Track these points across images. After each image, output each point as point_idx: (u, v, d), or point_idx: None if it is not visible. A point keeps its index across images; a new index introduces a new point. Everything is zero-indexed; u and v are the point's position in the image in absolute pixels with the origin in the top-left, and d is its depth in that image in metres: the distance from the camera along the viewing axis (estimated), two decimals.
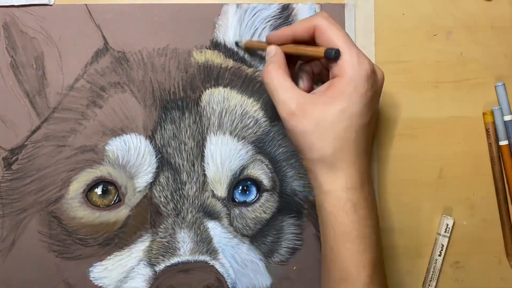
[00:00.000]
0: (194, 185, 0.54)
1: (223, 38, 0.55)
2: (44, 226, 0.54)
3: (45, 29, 0.54)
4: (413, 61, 0.58)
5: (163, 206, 0.54)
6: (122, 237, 0.54)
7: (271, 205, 0.56)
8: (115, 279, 0.54)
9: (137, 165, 0.53)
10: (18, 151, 0.54)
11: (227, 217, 0.55)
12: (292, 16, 0.56)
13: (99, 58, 0.54)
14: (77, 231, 0.54)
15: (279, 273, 0.56)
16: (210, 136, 0.54)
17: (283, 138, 0.56)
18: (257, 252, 0.56)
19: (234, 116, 0.55)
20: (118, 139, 0.54)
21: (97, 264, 0.54)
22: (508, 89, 0.58)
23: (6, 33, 0.53)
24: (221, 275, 0.53)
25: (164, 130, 0.54)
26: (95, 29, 0.54)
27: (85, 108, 0.54)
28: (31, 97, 0.54)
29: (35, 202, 0.54)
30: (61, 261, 0.54)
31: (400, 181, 0.58)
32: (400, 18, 0.58)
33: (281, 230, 0.56)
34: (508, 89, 0.58)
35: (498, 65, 0.59)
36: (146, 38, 0.55)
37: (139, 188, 0.54)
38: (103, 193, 0.53)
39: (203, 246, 0.53)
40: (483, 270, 0.60)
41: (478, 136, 0.59)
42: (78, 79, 0.54)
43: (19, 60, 0.54)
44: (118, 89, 0.54)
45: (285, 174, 0.56)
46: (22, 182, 0.54)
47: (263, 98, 0.56)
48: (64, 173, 0.53)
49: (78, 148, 0.54)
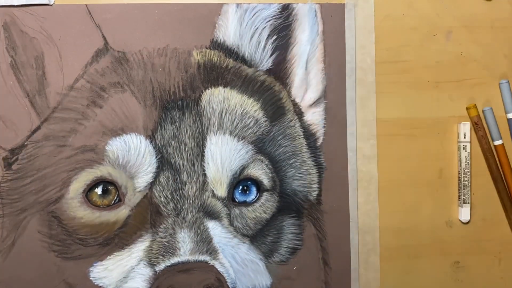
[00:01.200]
0: (194, 185, 0.54)
1: (223, 38, 0.55)
2: (44, 226, 0.54)
3: (45, 29, 0.54)
4: (413, 61, 0.58)
5: (163, 206, 0.54)
6: (122, 237, 0.54)
7: (271, 205, 0.56)
8: (115, 279, 0.54)
9: (137, 165, 0.53)
10: (18, 151, 0.54)
11: (227, 217, 0.55)
12: (292, 16, 0.56)
13: (99, 58, 0.54)
14: (77, 231, 0.54)
15: (279, 273, 0.56)
16: (210, 136, 0.54)
17: (283, 138, 0.56)
18: (257, 252, 0.56)
19: (234, 116, 0.55)
20: (118, 139, 0.54)
21: (97, 264, 0.54)
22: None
23: (6, 33, 0.53)
24: (221, 275, 0.53)
25: (164, 130, 0.54)
26: (95, 29, 0.54)
27: (85, 108, 0.54)
28: (31, 97, 0.54)
29: (35, 202, 0.53)
30: (61, 261, 0.54)
31: (400, 181, 0.58)
32: (400, 18, 0.58)
33: (281, 230, 0.56)
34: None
35: (498, 65, 0.59)
36: (146, 38, 0.55)
37: (139, 188, 0.54)
38: (103, 193, 0.53)
39: (203, 246, 0.53)
40: (483, 270, 0.60)
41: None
42: (78, 79, 0.54)
43: (19, 60, 0.54)
44: (118, 89, 0.54)
45: (285, 174, 0.56)
46: (22, 182, 0.54)
47: (263, 98, 0.56)
48: (64, 173, 0.53)
49: (78, 148, 0.54)
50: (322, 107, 0.57)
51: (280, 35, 0.56)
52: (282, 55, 0.56)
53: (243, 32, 0.56)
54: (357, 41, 0.57)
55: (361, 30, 0.57)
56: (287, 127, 0.57)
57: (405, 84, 0.58)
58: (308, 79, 0.57)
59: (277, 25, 0.56)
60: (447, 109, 0.58)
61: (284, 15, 0.56)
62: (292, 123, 0.57)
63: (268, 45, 0.56)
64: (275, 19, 0.56)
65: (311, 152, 0.57)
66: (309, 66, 0.57)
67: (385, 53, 0.57)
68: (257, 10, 0.56)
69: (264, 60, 0.56)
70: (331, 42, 0.57)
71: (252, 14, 0.56)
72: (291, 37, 0.56)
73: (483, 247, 0.59)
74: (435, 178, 0.59)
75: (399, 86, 0.58)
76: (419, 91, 0.58)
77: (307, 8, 0.56)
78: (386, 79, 0.57)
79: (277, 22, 0.56)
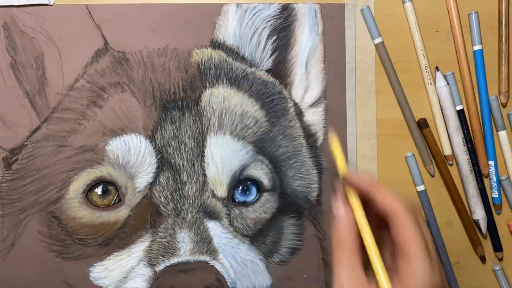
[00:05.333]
0: (194, 185, 0.54)
1: (223, 38, 0.55)
2: (44, 226, 0.54)
3: (45, 29, 0.54)
4: (413, 61, 0.58)
5: (163, 206, 0.54)
6: (122, 237, 0.54)
7: (271, 205, 0.56)
8: (115, 279, 0.54)
9: (137, 165, 0.53)
10: (18, 151, 0.54)
11: (227, 217, 0.55)
12: (292, 16, 0.56)
13: (99, 58, 0.54)
14: (77, 231, 0.54)
15: (279, 273, 0.56)
16: (210, 136, 0.54)
17: (283, 138, 0.56)
18: (257, 252, 0.56)
19: (234, 116, 0.55)
20: (118, 139, 0.54)
21: (97, 264, 0.54)
22: None
23: (6, 33, 0.53)
24: (221, 275, 0.53)
25: (164, 130, 0.54)
26: (95, 29, 0.54)
27: (85, 108, 0.54)
28: (31, 97, 0.54)
29: (35, 202, 0.54)
30: (61, 261, 0.54)
31: (399, 181, 0.58)
32: (400, 18, 0.58)
33: (281, 230, 0.56)
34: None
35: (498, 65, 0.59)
36: (146, 38, 0.55)
37: (139, 188, 0.54)
38: (103, 193, 0.53)
39: (203, 246, 0.53)
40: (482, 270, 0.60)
41: None
42: (78, 79, 0.54)
43: (19, 60, 0.54)
44: (118, 89, 0.54)
45: (285, 174, 0.56)
46: (22, 182, 0.54)
47: (263, 98, 0.56)
48: (64, 173, 0.53)
49: (78, 148, 0.54)
50: (322, 107, 0.57)
51: (280, 35, 0.56)
52: (282, 55, 0.56)
53: (243, 32, 0.56)
54: (357, 41, 0.57)
55: (361, 30, 0.57)
56: (287, 127, 0.57)
57: (405, 84, 0.58)
58: (308, 79, 0.57)
59: (277, 25, 0.56)
60: None
61: (284, 15, 0.56)
62: (292, 123, 0.57)
63: (268, 45, 0.56)
64: (275, 19, 0.56)
65: (311, 152, 0.57)
66: (309, 66, 0.57)
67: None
68: (257, 10, 0.56)
69: (264, 60, 0.56)
70: (331, 42, 0.57)
71: (252, 14, 0.56)
72: (291, 37, 0.56)
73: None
74: (435, 178, 0.59)
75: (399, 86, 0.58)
76: (419, 91, 0.58)
77: (307, 8, 0.56)
78: (386, 79, 0.57)
79: (277, 22, 0.56)
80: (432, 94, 0.57)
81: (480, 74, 0.57)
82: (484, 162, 0.58)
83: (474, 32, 0.57)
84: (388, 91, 0.57)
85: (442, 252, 0.58)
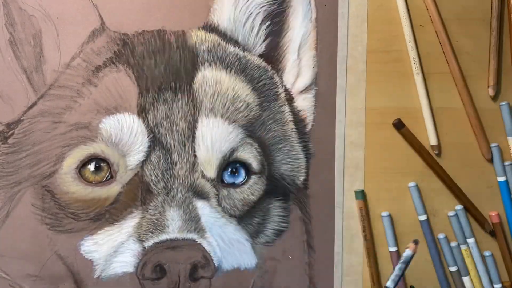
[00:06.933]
0: (184, 165, 0.55)
1: (218, 21, 0.56)
2: (37, 199, 0.55)
3: (43, 7, 0.55)
4: (404, 51, 0.58)
5: (154, 185, 0.55)
6: (113, 212, 0.55)
7: (259, 187, 0.57)
8: (105, 253, 0.56)
9: (129, 144, 0.55)
10: (15, 126, 0.55)
11: (216, 198, 0.56)
12: (286, 3, 0.57)
13: (95, 37, 0.55)
14: (69, 206, 0.55)
15: (264, 253, 0.58)
16: (201, 118, 0.55)
17: (273, 122, 0.57)
18: (243, 233, 0.57)
19: (226, 99, 0.56)
20: (111, 118, 0.55)
21: (88, 238, 0.56)
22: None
23: (6, 9, 0.54)
24: (208, 253, 0.55)
25: (156, 111, 0.55)
26: (92, 9, 0.55)
27: (80, 86, 0.55)
28: (29, 74, 0.55)
29: (29, 176, 0.55)
30: (53, 233, 0.56)
31: (386, 169, 0.59)
32: (393, 8, 0.58)
33: (267, 212, 0.58)
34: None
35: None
36: (142, 19, 0.55)
37: (130, 166, 0.55)
38: (95, 170, 0.55)
39: (191, 224, 0.55)
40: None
41: (465, 127, 0.59)
42: (75, 58, 0.55)
43: (17, 36, 0.55)
44: (113, 68, 0.55)
45: (273, 158, 0.57)
46: (18, 156, 0.55)
47: (255, 83, 0.57)
48: (58, 149, 0.55)
49: (72, 125, 0.55)
50: (313, 94, 0.58)
51: (273, 21, 0.57)
52: (275, 41, 0.57)
53: (237, 17, 0.56)
54: (349, 29, 0.57)
55: (354, 19, 0.58)
56: (277, 112, 0.58)
57: (395, 73, 0.58)
58: (300, 66, 0.58)
59: (271, 11, 0.57)
60: (435, 100, 0.59)
61: (278, 1, 0.57)
62: (283, 109, 0.58)
63: (262, 31, 0.57)
64: (269, 5, 0.57)
65: (300, 137, 0.58)
66: (301, 53, 0.57)
67: (377, 43, 0.58)
68: None
69: (257, 45, 0.57)
70: (323, 30, 0.57)
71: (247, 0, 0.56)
72: (284, 23, 0.57)
73: None
74: (421, 167, 0.59)
75: (389, 75, 0.58)
76: (409, 81, 0.59)
77: None
78: (376, 68, 0.58)
79: (271, 8, 0.57)
80: (419, 85, 0.58)
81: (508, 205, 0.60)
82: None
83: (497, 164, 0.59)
84: (378, 79, 0.58)
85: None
